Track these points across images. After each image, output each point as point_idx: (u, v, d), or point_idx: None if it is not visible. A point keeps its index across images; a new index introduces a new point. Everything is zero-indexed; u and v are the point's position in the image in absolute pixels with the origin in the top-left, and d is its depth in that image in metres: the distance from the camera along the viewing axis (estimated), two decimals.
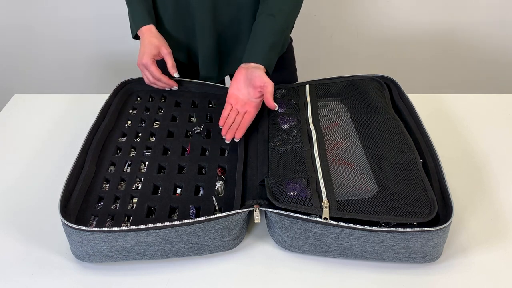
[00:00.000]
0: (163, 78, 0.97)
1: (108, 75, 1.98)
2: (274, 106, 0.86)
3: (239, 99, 0.89)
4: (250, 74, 0.87)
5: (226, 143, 0.87)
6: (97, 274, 0.71)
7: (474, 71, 1.96)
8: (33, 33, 1.85)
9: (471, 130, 1.01)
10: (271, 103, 0.86)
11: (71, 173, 0.77)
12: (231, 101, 0.89)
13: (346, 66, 1.96)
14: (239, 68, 0.90)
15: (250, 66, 0.89)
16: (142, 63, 0.96)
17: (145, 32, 0.97)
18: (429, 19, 1.81)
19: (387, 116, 0.86)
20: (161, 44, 0.97)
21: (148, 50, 0.95)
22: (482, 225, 0.78)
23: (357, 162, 0.77)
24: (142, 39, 0.97)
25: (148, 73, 0.97)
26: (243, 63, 0.90)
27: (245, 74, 0.88)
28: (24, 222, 0.80)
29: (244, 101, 0.89)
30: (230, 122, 0.87)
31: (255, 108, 0.88)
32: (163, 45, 0.97)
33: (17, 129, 1.04)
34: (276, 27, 0.91)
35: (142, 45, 0.97)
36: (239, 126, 0.87)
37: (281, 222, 0.70)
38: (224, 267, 0.72)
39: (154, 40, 0.96)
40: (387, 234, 0.66)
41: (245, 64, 0.90)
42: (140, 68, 0.98)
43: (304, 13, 1.03)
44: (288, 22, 0.95)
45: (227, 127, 0.87)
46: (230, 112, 0.89)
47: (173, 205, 0.76)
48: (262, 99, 0.88)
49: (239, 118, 0.88)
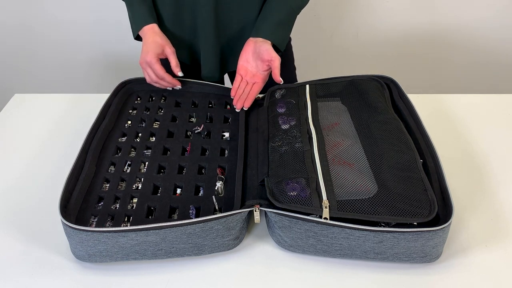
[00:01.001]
0: (167, 77, 0.97)
1: (108, 75, 1.98)
2: (280, 81, 0.92)
3: (248, 71, 0.96)
4: (258, 47, 0.93)
5: (227, 141, 0.88)
6: (97, 274, 0.71)
7: (474, 71, 1.96)
8: (33, 33, 1.85)
9: (471, 130, 1.01)
10: (278, 78, 0.92)
11: (71, 173, 0.77)
12: (241, 72, 0.96)
13: (346, 66, 1.96)
14: (247, 40, 0.96)
15: (258, 40, 0.93)
16: (146, 61, 0.95)
17: (148, 31, 0.97)
18: (429, 19, 1.81)
19: (387, 116, 0.86)
20: (165, 43, 0.96)
21: (152, 48, 0.95)
22: (482, 225, 0.78)
23: (357, 162, 0.77)
24: (145, 38, 0.97)
25: (151, 72, 0.97)
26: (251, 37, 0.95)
27: (253, 46, 0.94)
28: (24, 222, 0.80)
29: (252, 73, 0.96)
30: (240, 92, 0.95)
31: (263, 80, 0.96)
32: (166, 44, 0.97)
33: (17, 129, 1.04)
34: (285, 6, 0.95)
35: (145, 44, 0.96)
36: (248, 96, 0.94)
37: (281, 222, 0.70)
38: (224, 267, 0.72)
39: (157, 38, 0.96)
40: (387, 234, 0.66)
41: (253, 38, 0.95)
42: (142, 66, 0.97)
43: (304, 13, 1.03)
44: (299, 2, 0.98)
45: (238, 97, 0.95)
46: (240, 83, 0.96)
47: (173, 205, 0.76)
48: (269, 71, 0.95)
49: (248, 88, 0.95)
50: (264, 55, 0.91)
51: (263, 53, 0.91)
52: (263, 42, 0.92)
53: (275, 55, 0.91)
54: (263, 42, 0.92)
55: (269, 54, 0.91)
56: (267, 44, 0.92)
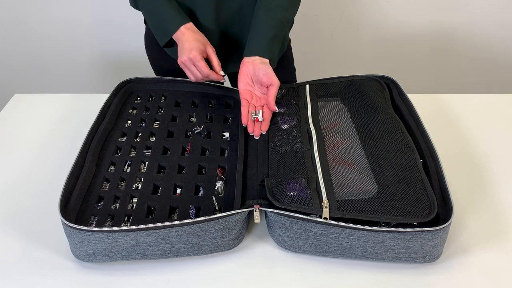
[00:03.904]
0: (212, 74, 0.90)
1: (108, 75, 1.98)
2: (274, 109, 0.88)
3: (254, 95, 0.92)
4: (257, 70, 0.89)
5: (227, 141, 0.88)
6: (97, 274, 0.71)
7: (474, 71, 1.96)
8: (33, 33, 1.85)
9: (471, 130, 1.01)
10: (272, 105, 0.88)
11: (71, 173, 0.77)
12: (246, 97, 0.91)
13: (346, 66, 1.96)
14: (243, 62, 0.91)
15: (256, 61, 0.89)
16: (190, 58, 0.88)
17: (186, 30, 0.91)
18: (429, 19, 1.81)
19: (387, 116, 0.86)
20: (206, 41, 0.92)
21: (196, 46, 0.89)
22: (482, 225, 0.78)
23: (357, 162, 0.77)
24: (185, 37, 0.91)
25: (195, 69, 0.90)
26: (245, 57, 0.91)
27: (252, 69, 0.89)
28: (24, 222, 0.80)
29: (259, 96, 0.92)
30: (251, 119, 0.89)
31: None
32: (207, 43, 0.93)
33: (17, 129, 1.04)
34: (275, 21, 0.92)
35: (186, 42, 0.90)
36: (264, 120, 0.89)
37: (281, 222, 0.70)
38: (224, 267, 0.72)
39: (199, 37, 0.91)
40: (387, 234, 0.66)
41: (248, 58, 0.90)
42: (186, 64, 0.90)
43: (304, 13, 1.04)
44: (287, 16, 0.95)
45: (252, 124, 0.89)
46: (249, 109, 0.90)
47: (173, 205, 0.76)
48: None
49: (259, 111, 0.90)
50: (264, 79, 0.88)
51: (262, 78, 0.88)
52: (261, 63, 0.88)
53: (275, 79, 0.88)
54: (261, 63, 0.88)
55: (269, 78, 0.88)
56: (265, 65, 0.88)
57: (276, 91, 0.88)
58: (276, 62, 0.93)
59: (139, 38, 1.20)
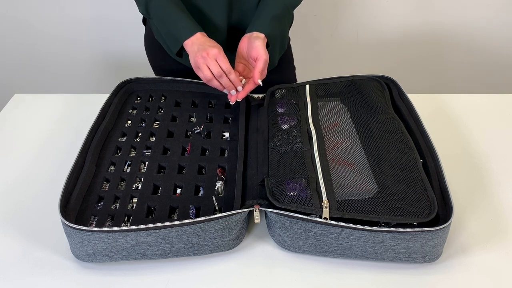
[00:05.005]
0: (234, 73, 0.87)
1: (108, 75, 1.98)
2: (257, 82, 0.88)
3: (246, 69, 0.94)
4: (249, 43, 0.89)
5: (227, 141, 0.88)
6: (97, 274, 0.71)
7: (474, 71, 1.96)
8: (33, 33, 1.85)
9: (471, 130, 1.01)
10: (255, 79, 0.87)
11: (71, 173, 0.77)
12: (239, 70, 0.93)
13: (346, 66, 1.96)
14: (242, 37, 0.92)
15: (252, 36, 0.90)
16: (213, 54, 0.85)
17: (201, 36, 0.89)
18: (429, 19, 1.81)
19: (387, 116, 0.86)
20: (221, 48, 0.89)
21: (217, 44, 0.88)
22: (482, 225, 0.78)
23: (357, 162, 0.77)
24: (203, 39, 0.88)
25: (215, 65, 0.85)
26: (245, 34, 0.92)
27: (246, 44, 0.91)
28: (24, 222, 0.80)
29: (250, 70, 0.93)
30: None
31: None
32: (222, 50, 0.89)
33: (17, 129, 1.03)
34: (279, 3, 0.94)
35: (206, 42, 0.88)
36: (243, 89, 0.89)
37: (281, 222, 0.70)
38: (224, 267, 0.72)
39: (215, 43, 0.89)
40: (387, 234, 0.66)
41: (247, 34, 0.92)
42: (207, 57, 0.85)
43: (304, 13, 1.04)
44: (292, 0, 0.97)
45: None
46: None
47: (173, 205, 0.76)
48: None
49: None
50: (252, 53, 0.88)
51: (251, 51, 0.88)
52: (256, 38, 0.88)
53: (263, 52, 0.86)
54: (255, 38, 0.88)
55: (256, 51, 0.87)
56: (258, 39, 0.88)
57: (262, 65, 0.86)
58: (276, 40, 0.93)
59: (139, 38, 1.20)
